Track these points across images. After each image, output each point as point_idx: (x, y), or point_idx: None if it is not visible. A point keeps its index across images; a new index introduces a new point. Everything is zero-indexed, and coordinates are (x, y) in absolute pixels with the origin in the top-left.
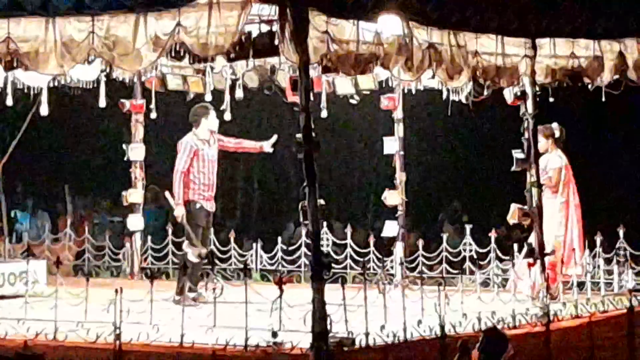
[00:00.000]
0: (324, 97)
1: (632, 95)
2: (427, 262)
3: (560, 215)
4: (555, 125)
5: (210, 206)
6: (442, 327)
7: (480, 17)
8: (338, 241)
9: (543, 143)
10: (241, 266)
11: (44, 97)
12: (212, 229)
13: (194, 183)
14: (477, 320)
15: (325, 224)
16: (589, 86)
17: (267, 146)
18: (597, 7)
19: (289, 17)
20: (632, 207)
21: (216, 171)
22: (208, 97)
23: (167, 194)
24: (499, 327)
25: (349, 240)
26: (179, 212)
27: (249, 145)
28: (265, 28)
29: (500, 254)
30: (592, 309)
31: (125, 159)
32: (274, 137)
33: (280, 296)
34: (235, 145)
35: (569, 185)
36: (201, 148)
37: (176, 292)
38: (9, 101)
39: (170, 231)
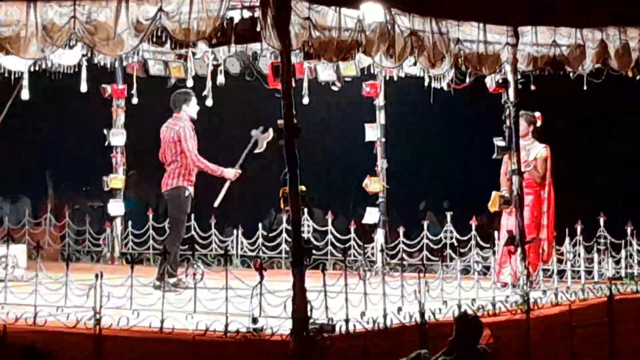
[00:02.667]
0: (305, 84)
1: (613, 84)
2: (407, 250)
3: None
4: (538, 114)
5: (193, 191)
6: (422, 314)
7: (462, 5)
8: (319, 228)
9: (524, 127)
10: (222, 252)
11: (25, 82)
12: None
13: (184, 169)
14: (457, 307)
15: (306, 210)
16: (571, 74)
17: (228, 173)
18: None
19: (271, 3)
20: (613, 195)
21: None
22: (189, 82)
23: (204, 165)
24: (479, 314)
25: (329, 227)
26: (230, 173)
27: (209, 168)
28: (247, 14)
29: (480, 242)
30: (572, 296)
31: (106, 144)
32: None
33: (260, 282)
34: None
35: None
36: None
37: (156, 278)
38: None
39: (150, 217)
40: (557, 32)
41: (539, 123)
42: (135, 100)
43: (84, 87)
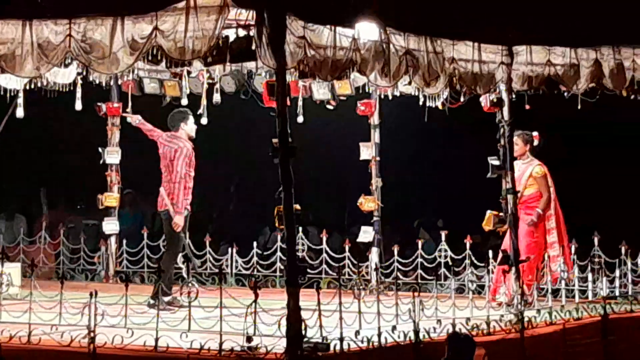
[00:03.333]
0: (300, 102)
1: (607, 103)
2: (402, 268)
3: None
4: (535, 134)
5: (189, 208)
6: (417, 333)
7: (457, 24)
8: (313, 246)
9: (520, 147)
10: (216, 270)
11: (20, 100)
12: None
13: (185, 188)
14: (451, 326)
15: (300, 229)
16: (565, 94)
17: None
18: (574, 15)
19: (266, 22)
20: (607, 215)
21: None
22: (184, 101)
23: (163, 195)
24: (473, 333)
25: (324, 246)
26: (180, 221)
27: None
28: (242, 33)
29: (475, 261)
30: (566, 315)
31: (101, 162)
32: None
33: (255, 301)
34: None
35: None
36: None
37: (151, 296)
38: None
39: (145, 235)
40: (552, 52)
41: (536, 142)
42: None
43: (79, 106)
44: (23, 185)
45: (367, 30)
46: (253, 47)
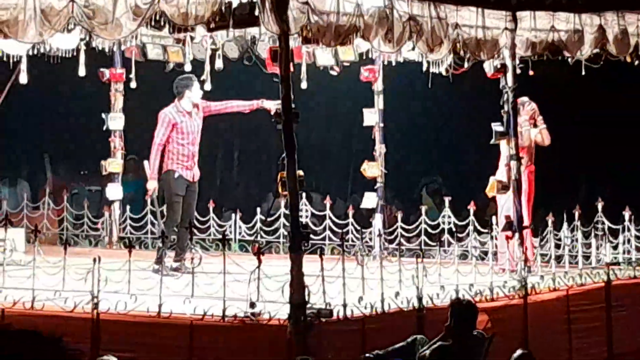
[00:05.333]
0: (303, 68)
1: (611, 69)
2: (405, 234)
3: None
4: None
5: (191, 175)
6: (420, 299)
7: None
8: (317, 212)
9: (526, 112)
10: (220, 237)
11: (24, 66)
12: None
13: (172, 154)
14: (454, 292)
15: (304, 195)
16: (569, 60)
17: (267, 103)
18: None
19: None
20: (611, 180)
21: (198, 142)
22: (188, 67)
23: (145, 163)
24: (476, 299)
25: (327, 212)
26: (151, 185)
27: (240, 105)
28: None
29: (478, 227)
30: (569, 282)
31: (104, 128)
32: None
33: (258, 267)
34: (223, 107)
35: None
36: (180, 120)
37: (155, 262)
38: None
39: (149, 201)
40: (556, 18)
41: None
42: (133, 85)
43: (82, 71)
44: (26, 151)
45: None
46: (256, 13)
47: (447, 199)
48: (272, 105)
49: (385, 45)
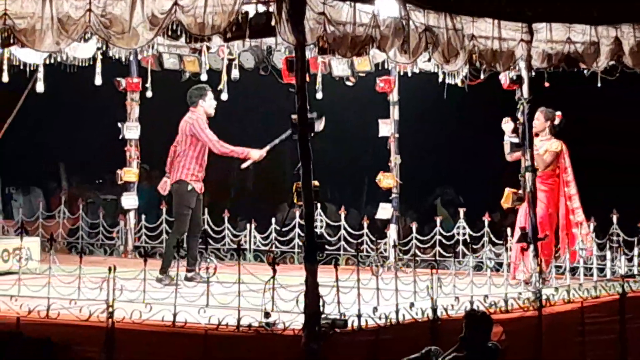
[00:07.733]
0: (319, 79)
1: (627, 81)
2: (420, 245)
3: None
4: (559, 113)
5: (200, 187)
6: (434, 310)
7: (477, 1)
8: (332, 223)
9: (540, 123)
10: (235, 246)
11: (40, 74)
12: (203, 210)
13: (188, 162)
14: (469, 303)
15: (319, 205)
16: (585, 72)
17: (254, 153)
18: None
19: None
20: (626, 193)
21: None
22: (204, 76)
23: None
24: (491, 310)
25: (342, 222)
26: (256, 154)
27: (225, 147)
28: (262, 8)
29: (493, 238)
30: (584, 294)
31: (120, 137)
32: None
33: (273, 277)
34: (211, 144)
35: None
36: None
37: (160, 271)
38: (5, 78)
39: (164, 210)
40: (572, 29)
41: (557, 121)
42: (149, 94)
43: (98, 80)
44: (41, 160)
45: (387, 7)
46: (272, 23)
47: (461, 210)
48: (257, 156)
49: (401, 56)
